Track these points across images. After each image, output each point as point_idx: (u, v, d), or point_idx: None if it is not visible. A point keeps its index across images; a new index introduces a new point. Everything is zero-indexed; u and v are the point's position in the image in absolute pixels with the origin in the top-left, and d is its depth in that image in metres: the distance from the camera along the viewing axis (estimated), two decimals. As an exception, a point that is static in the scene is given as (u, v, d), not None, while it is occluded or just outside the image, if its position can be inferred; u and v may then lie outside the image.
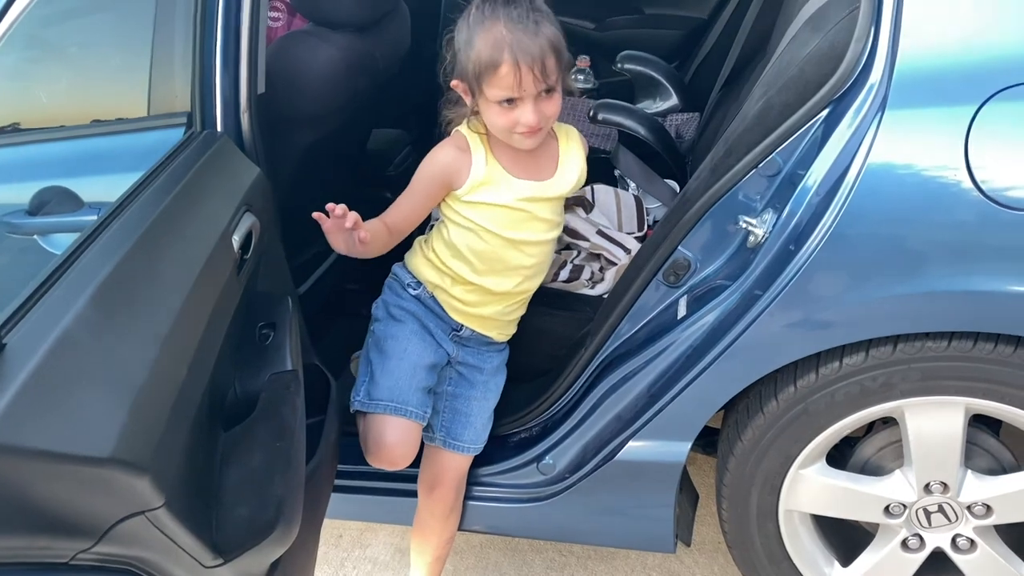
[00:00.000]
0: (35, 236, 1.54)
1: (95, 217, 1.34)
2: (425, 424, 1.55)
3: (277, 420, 1.08)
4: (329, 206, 1.35)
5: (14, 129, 1.65)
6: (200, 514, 0.89)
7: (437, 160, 1.48)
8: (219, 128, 1.44)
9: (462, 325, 1.60)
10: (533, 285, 1.61)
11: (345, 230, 1.36)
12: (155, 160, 1.27)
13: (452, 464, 1.61)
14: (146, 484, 0.77)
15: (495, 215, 1.49)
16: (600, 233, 1.93)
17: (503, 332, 1.66)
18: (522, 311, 1.66)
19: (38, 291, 0.82)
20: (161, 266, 0.97)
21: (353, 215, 1.36)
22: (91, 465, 0.73)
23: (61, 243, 1.55)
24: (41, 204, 1.52)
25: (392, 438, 1.50)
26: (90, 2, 1.83)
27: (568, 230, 1.88)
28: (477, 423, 1.62)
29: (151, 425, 0.81)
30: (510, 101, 1.37)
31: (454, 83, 1.45)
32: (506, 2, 1.39)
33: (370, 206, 1.52)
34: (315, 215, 1.35)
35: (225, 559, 0.91)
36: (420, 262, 1.59)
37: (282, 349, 1.23)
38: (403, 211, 1.50)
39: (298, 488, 1.06)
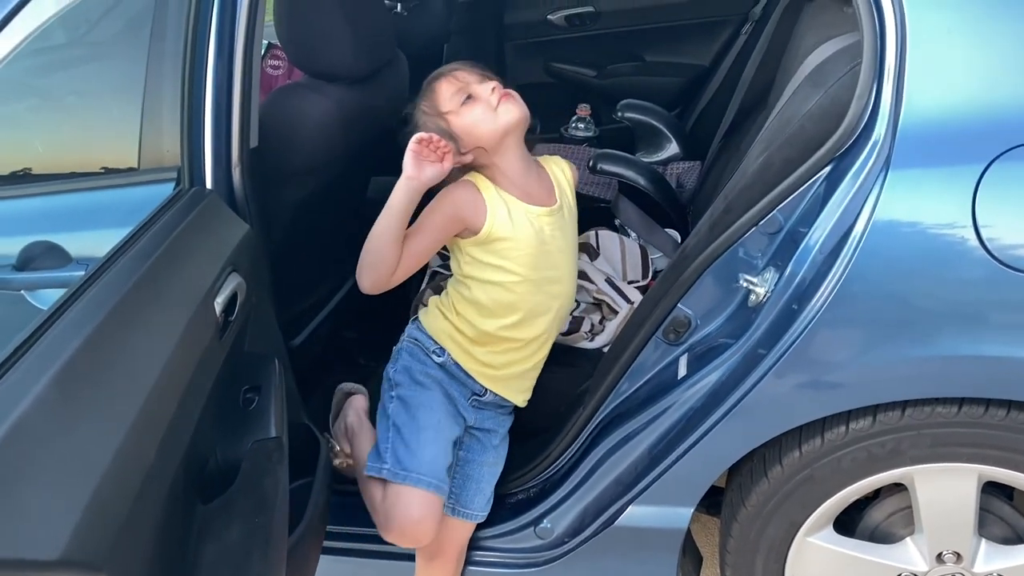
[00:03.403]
0: (22, 291, 1.51)
1: (83, 273, 1.30)
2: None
3: (258, 493, 1.04)
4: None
5: (12, 178, 1.64)
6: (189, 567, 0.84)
7: (455, 197, 1.46)
8: (209, 183, 1.41)
9: (486, 389, 1.56)
10: (556, 332, 1.60)
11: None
12: (142, 217, 1.24)
13: (457, 533, 1.56)
14: (102, 580, 0.72)
15: (519, 254, 1.46)
16: (608, 281, 1.90)
17: (524, 394, 1.62)
18: (540, 368, 1.62)
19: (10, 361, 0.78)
20: (136, 337, 0.93)
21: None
22: (38, 570, 0.69)
23: (48, 299, 1.52)
24: (29, 259, 1.49)
25: (421, 513, 1.43)
26: (85, 53, 1.83)
27: (610, 280, 1.89)
28: (487, 489, 1.58)
29: (111, 517, 0.76)
30: (470, 97, 1.45)
31: (456, 159, 1.45)
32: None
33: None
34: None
35: (195, 646, 0.86)
36: (443, 328, 1.54)
37: (266, 415, 1.19)
38: (414, 250, 1.44)
39: (278, 565, 1.01)
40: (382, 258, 1.40)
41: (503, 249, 1.46)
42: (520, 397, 1.62)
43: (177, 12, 1.41)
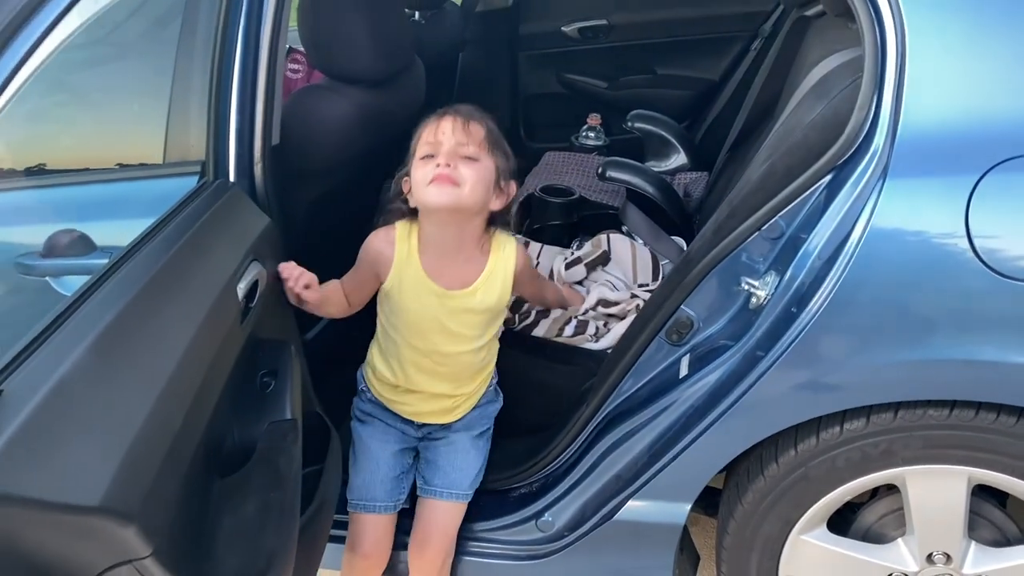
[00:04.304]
0: (47, 278, 1.56)
1: (107, 261, 1.36)
2: (395, 511, 1.61)
3: (273, 470, 1.09)
4: (282, 267, 1.42)
5: (39, 170, 1.69)
6: (189, 564, 0.89)
7: (370, 245, 1.53)
8: (232, 177, 1.47)
9: (412, 421, 1.63)
10: (460, 387, 1.60)
11: (289, 289, 1.43)
12: (167, 207, 1.30)
13: (439, 517, 1.60)
14: (133, 533, 0.77)
15: (406, 319, 1.51)
16: (633, 296, 1.95)
17: (455, 414, 1.64)
18: (470, 392, 1.63)
19: (39, 338, 0.83)
20: (164, 315, 0.98)
21: (306, 278, 1.44)
22: (79, 514, 0.73)
23: (72, 285, 1.57)
24: (54, 247, 1.54)
25: (359, 532, 1.57)
26: (111, 52, 1.89)
27: (603, 301, 1.92)
28: (465, 472, 1.62)
29: (142, 475, 0.81)
30: (432, 155, 1.41)
31: (403, 179, 1.49)
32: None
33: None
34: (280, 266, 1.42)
35: (213, 610, 0.91)
36: (367, 368, 1.65)
37: (282, 397, 1.23)
38: (348, 286, 1.55)
39: (291, 540, 1.06)
40: (321, 310, 1.52)
41: (396, 310, 1.52)
42: (446, 418, 1.63)
43: (207, 17, 1.47)
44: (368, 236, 1.54)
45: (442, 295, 1.48)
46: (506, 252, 1.53)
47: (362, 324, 2.24)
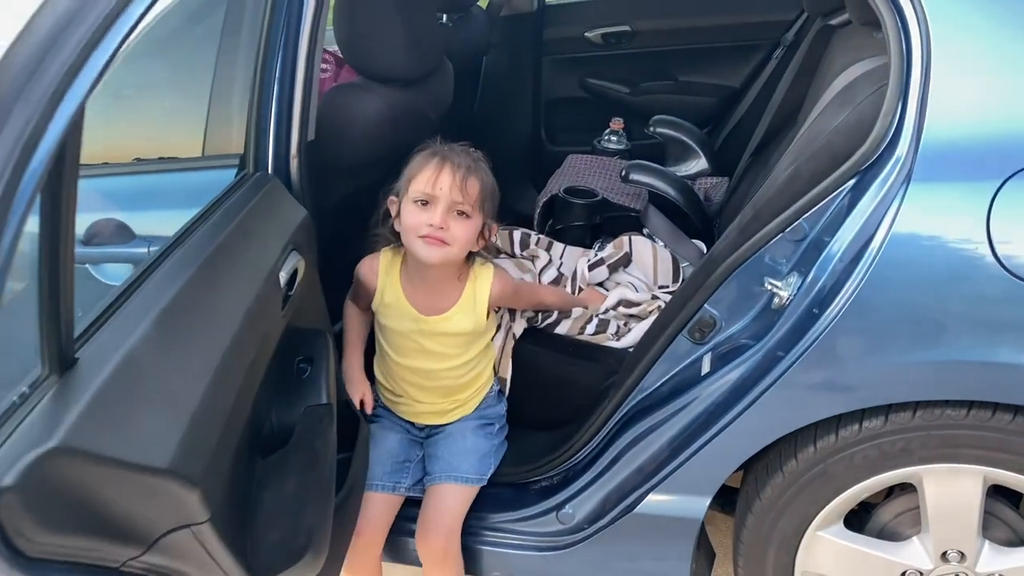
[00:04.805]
0: (86, 265, 1.61)
1: (145, 249, 1.41)
2: (394, 494, 1.65)
3: (311, 451, 1.13)
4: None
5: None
6: (237, 535, 0.93)
7: (358, 272, 1.66)
8: (269, 171, 1.52)
9: (413, 423, 1.72)
10: (451, 396, 1.70)
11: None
12: (207, 197, 1.34)
13: (438, 501, 1.64)
14: (195, 498, 0.81)
15: (391, 338, 1.64)
16: (654, 297, 1.99)
17: (452, 416, 1.72)
18: (464, 399, 1.72)
19: (105, 313, 0.88)
20: (216, 298, 1.03)
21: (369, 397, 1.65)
22: (151, 475, 0.78)
23: (110, 272, 1.63)
24: (95, 235, 1.59)
25: (362, 510, 1.59)
26: (148, 48, 1.94)
27: (624, 302, 1.97)
28: (459, 457, 1.67)
29: (203, 445, 0.85)
30: (426, 203, 1.48)
31: (389, 199, 1.57)
32: (451, 146, 1.56)
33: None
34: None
35: (257, 581, 0.95)
36: (376, 371, 1.73)
37: (318, 383, 1.28)
38: (353, 296, 1.69)
39: (328, 517, 1.10)
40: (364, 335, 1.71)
41: (382, 328, 1.64)
42: (442, 419, 1.72)
43: (252, 20, 1.53)
44: (361, 262, 1.66)
45: (419, 320, 1.59)
46: (480, 281, 1.62)
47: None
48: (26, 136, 0.67)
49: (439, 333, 1.60)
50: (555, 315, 1.94)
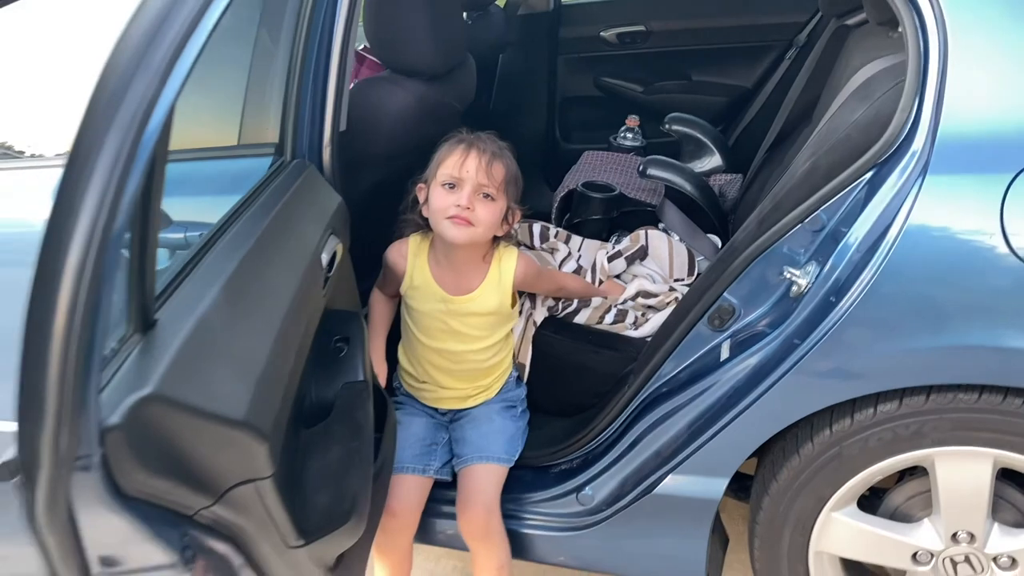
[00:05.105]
0: (123, 250, 1.67)
1: (182, 235, 1.46)
2: (424, 476, 1.70)
3: (352, 422, 1.18)
4: None
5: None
6: (290, 496, 0.98)
7: (387, 257, 1.72)
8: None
9: (437, 408, 1.77)
10: (474, 381, 1.76)
11: None
12: (246, 184, 1.40)
13: (473, 479, 1.69)
14: (264, 452, 0.87)
15: (419, 320, 1.70)
16: (671, 289, 2.04)
17: (473, 401, 1.77)
18: (486, 385, 1.78)
19: (174, 281, 0.93)
20: (271, 272, 1.08)
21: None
22: (228, 426, 0.83)
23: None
24: (133, 221, 1.64)
25: (391, 491, 1.64)
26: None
27: (643, 293, 2.02)
28: (488, 439, 1.72)
29: (269, 405, 0.91)
30: (453, 186, 1.56)
31: (418, 186, 1.65)
32: (477, 133, 1.64)
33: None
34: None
35: (306, 541, 1.00)
36: (399, 358, 1.79)
37: (355, 361, 1.33)
38: (380, 283, 1.77)
39: (369, 484, 1.15)
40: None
41: (410, 310, 1.70)
42: (464, 404, 1.78)
43: (290, 16, 1.58)
44: (390, 247, 1.72)
45: (447, 300, 1.66)
46: (505, 262, 1.70)
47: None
48: (142, 111, 0.73)
49: (466, 313, 1.66)
50: (574, 304, 1.99)
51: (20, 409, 0.65)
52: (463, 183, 1.56)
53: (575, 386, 1.87)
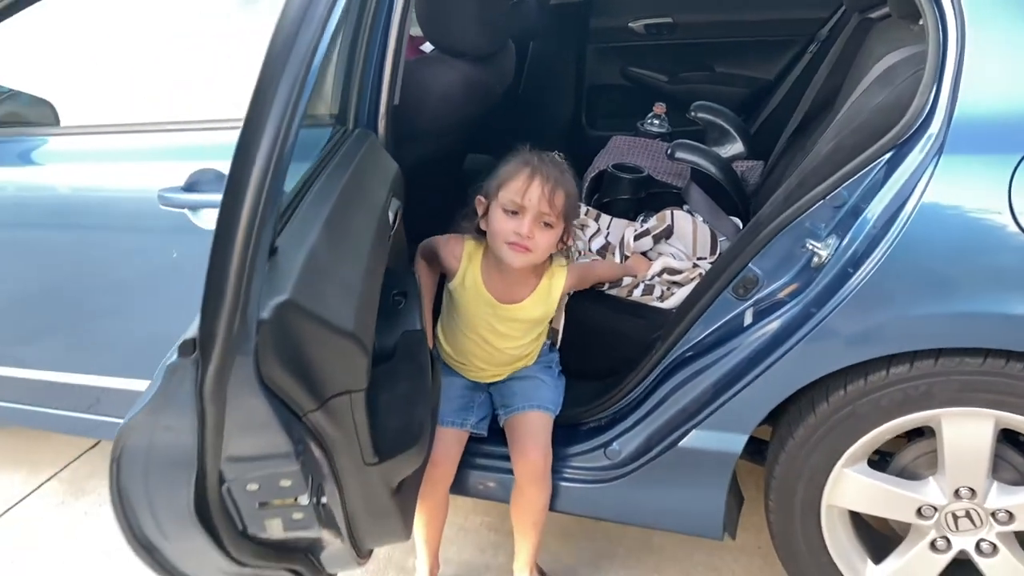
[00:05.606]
0: (185, 210, 1.80)
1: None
2: (462, 429, 1.80)
3: (416, 362, 1.31)
4: None
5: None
6: (370, 416, 1.11)
7: (442, 250, 1.78)
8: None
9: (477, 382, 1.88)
10: (511, 365, 1.86)
11: None
12: (309, 152, 1.53)
13: (527, 425, 1.80)
14: (364, 365, 1.00)
15: (463, 313, 1.78)
16: (695, 266, 2.16)
17: (496, 377, 1.89)
18: (521, 364, 1.89)
19: (282, 215, 1.06)
20: (355, 220, 1.22)
21: None
22: (340, 335, 0.96)
23: (205, 216, 1.81)
24: (195, 182, 1.77)
25: (436, 443, 1.74)
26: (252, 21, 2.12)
27: (668, 269, 2.15)
28: (536, 390, 1.84)
29: (367, 325, 1.03)
30: (515, 213, 1.61)
31: (478, 198, 1.70)
32: (546, 158, 1.67)
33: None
34: None
35: (380, 459, 1.13)
36: (437, 332, 1.87)
37: (412, 313, 1.46)
38: (424, 253, 1.82)
39: (429, 419, 1.28)
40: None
41: (454, 303, 1.78)
42: (500, 377, 1.89)
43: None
44: (445, 236, 1.79)
45: (494, 305, 1.74)
46: (556, 279, 1.78)
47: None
48: (308, 56, 0.86)
49: (511, 319, 1.76)
50: (606, 284, 2.11)
51: (205, 299, 0.78)
52: (525, 211, 1.60)
53: (606, 351, 1.99)
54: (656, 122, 2.94)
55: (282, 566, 1.10)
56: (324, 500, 1.03)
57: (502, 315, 1.75)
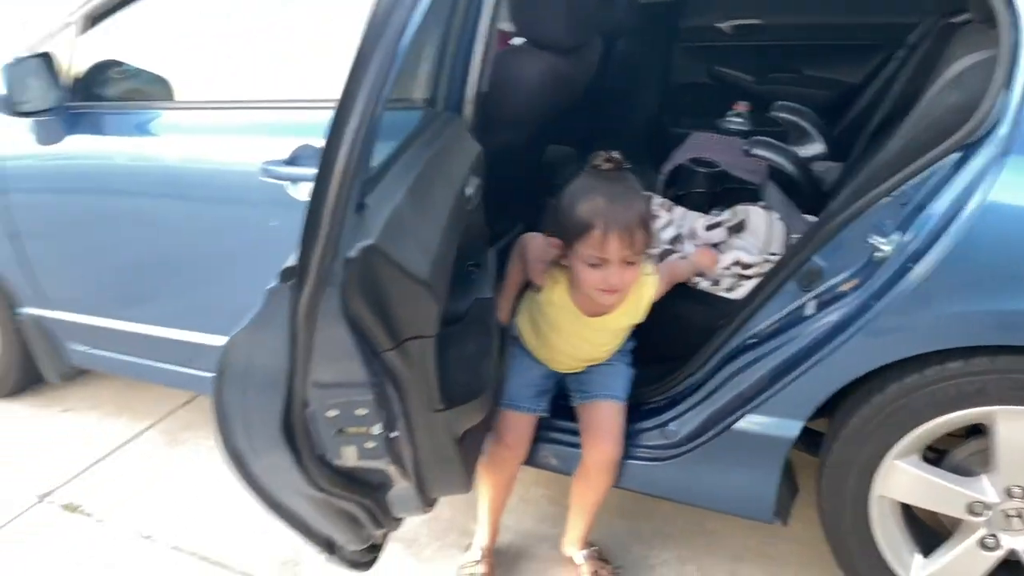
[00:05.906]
0: (286, 183, 1.94)
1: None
2: (534, 414, 1.89)
3: (485, 324, 1.42)
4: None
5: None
6: (439, 365, 1.23)
7: (534, 260, 1.77)
8: (451, 113, 1.82)
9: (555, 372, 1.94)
10: (593, 362, 1.92)
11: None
12: (400, 130, 1.65)
13: (604, 414, 1.88)
14: (435, 313, 1.11)
15: (551, 319, 1.81)
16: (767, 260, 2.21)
17: (573, 370, 1.94)
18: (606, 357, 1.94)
19: (370, 181, 1.18)
20: (436, 189, 1.33)
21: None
22: (416, 282, 1.08)
23: (304, 190, 1.95)
24: (296, 157, 1.92)
25: (505, 427, 1.85)
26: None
27: (740, 263, 2.20)
28: (612, 379, 1.91)
29: (441, 279, 1.15)
30: (598, 266, 1.61)
31: (553, 242, 1.68)
32: (608, 178, 1.62)
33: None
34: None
35: (446, 406, 1.24)
36: (519, 320, 1.90)
37: (484, 282, 1.57)
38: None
39: (493, 374, 1.39)
40: None
41: (541, 308, 1.80)
42: (576, 369, 1.94)
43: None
44: (534, 258, 1.78)
45: (582, 318, 1.79)
46: (645, 288, 1.81)
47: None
48: (398, 33, 0.99)
49: (600, 328, 1.83)
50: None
51: (304, 233, 0.91)
52: (608, 263, 1.60)
53: (670, 336, 2.06)
54: (737, 119, 2.98)
55: (354, 497, 1.22)
56: (395, 434, 1.15)
57: (592, 325, 1.80)
